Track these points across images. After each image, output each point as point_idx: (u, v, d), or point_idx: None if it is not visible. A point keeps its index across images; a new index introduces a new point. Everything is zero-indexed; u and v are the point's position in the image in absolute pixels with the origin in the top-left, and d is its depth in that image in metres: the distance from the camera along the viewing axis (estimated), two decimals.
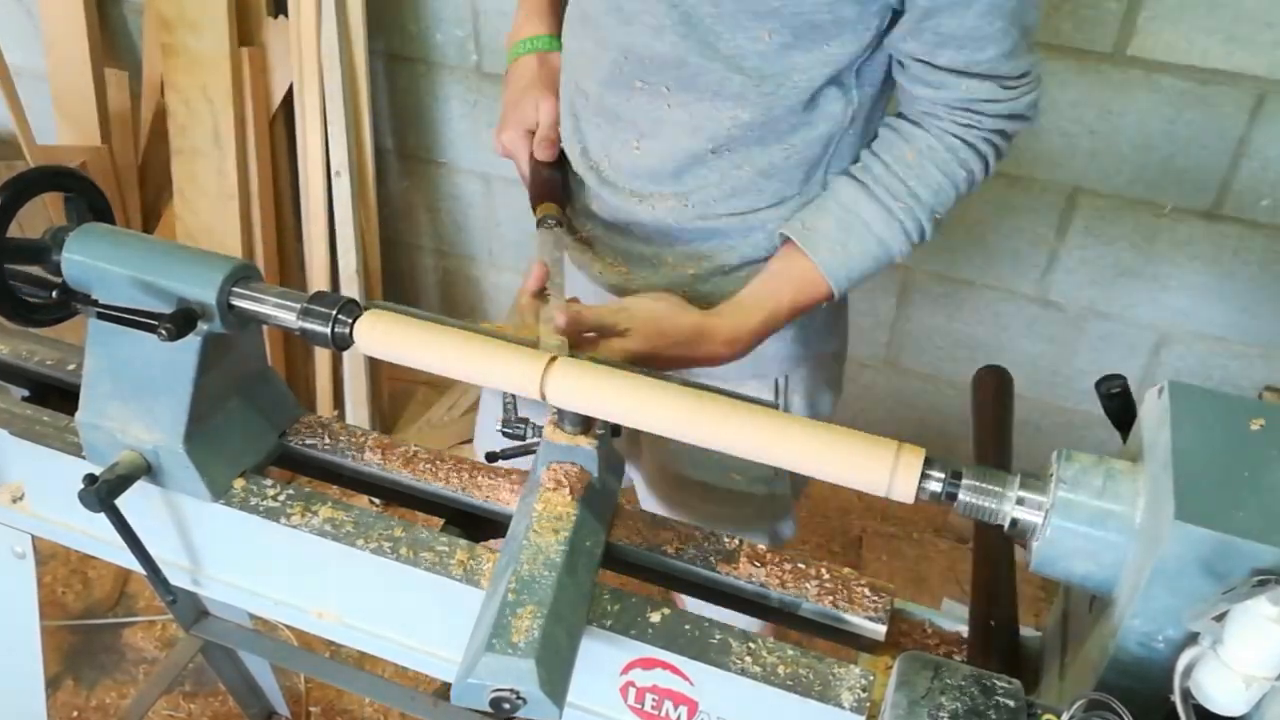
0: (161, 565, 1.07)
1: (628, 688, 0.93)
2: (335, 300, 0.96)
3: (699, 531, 1.02)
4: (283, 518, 1.02)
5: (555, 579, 0.86)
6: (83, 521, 1.10)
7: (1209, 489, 0.70)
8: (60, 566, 2.65)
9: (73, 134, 2.90)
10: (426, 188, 3.01)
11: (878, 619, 0.94)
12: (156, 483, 1.04)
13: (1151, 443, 0.78)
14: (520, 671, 0.79)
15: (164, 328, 0.90)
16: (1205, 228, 2.26)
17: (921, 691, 0.74)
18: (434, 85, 2.80)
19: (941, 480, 0.81)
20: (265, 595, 1.10)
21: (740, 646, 0.89)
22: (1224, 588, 0.66)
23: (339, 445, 1.12)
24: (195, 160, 2.68)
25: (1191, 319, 2.40)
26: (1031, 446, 2.73)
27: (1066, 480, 0.78)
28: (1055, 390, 2.65)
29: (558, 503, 0.93)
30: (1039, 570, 0.80)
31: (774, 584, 0.97)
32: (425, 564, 0.97)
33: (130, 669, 2.47)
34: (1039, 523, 0.79)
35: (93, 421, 1.03)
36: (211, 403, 1.03)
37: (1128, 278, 2.40)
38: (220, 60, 2.57)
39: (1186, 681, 0.69)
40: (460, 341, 0.93)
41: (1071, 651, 0.88)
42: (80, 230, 1.00)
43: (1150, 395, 0.82)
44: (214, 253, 0.99)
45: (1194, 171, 2.21)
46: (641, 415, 0.88)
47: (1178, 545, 0.68)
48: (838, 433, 0.84)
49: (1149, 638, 0.73)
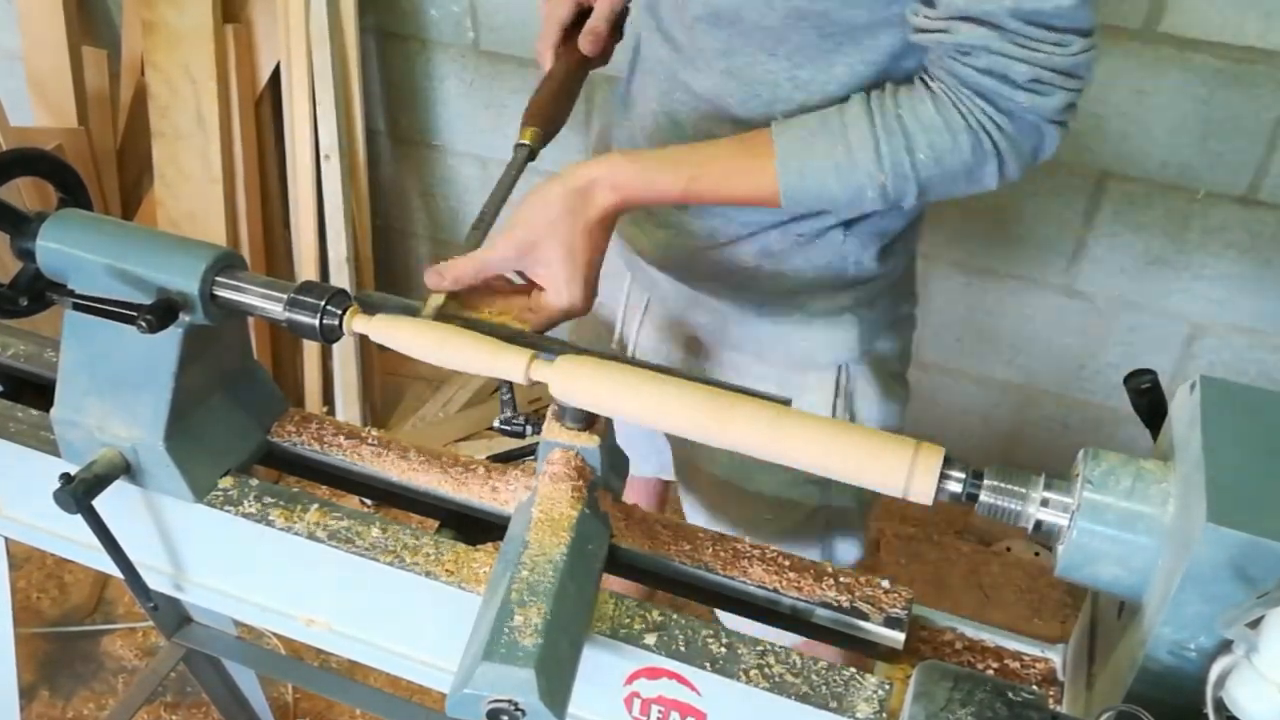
0: (141, 569, 1.07)
1: (632, 698, 0.94)
2: (324, 290, 0.96)
3: (705, 534, 1.02)
4: (269, 519, 1.03)
5: (556, 583, 0.86)
6: (58, 523, 1.10)
7: (1243, 490, 0.70)
8: (35, 571, 2.66)
9: (48, 115, 2.91)
10: (421, 171, 3.02)
11: (896, 626, 0.94)
12: (136, 482, 1.05)
13: (1183, 441, 0.78)
14: (519, 681, 0.79)
15: (144, 319, 0.91)
16: (1240, 213, 2.26)
17: (941, 703, 0.74)
18: (428, 64, 2.80)
19: (962, 480, 0.81)
20: (251, 601, 1.10)
21: (751, 655, 0.89)
22: (1259, 592, 0.66)
23: (328, 443, 1.12)
24: (177, 143, 2.68)
25: (1226, 310, 2.39)
26: (1057, 444, 2.73)
27: (1093, 480, 0.78)
28: (1082, 385, 2.65)
29: (558, 503, 0.93)
30: (1064, 575, 0.80)
31: (786, 589, 0.97)
32: (419, 568, 0.97)
33: (109, 678, 2.48)
34: (1064, 525, 0.79)
35: (69, 418, 1.03)
36: (194, 398, 1.03)
37: (1159, 266, 2.40)
38: (203, 37, 2.57)
39: (1219, 692, 0.69)
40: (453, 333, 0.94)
41: (1099, 661, 0.88)
42: (56, 216, 1.00)
43: (1182, 391, 0.82)
44: (196, 240, 0.99)
45: (1228, 154, 2.20)
46: (648, 411, 0.88)
47: (1210, 548, 0.68)
48: (853, 430, 0.84)
49: (1180, 646, 0.73)
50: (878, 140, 1.08)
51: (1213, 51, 2.09)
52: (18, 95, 2.89)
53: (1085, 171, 2.34)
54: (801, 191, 1.12)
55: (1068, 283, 2.51)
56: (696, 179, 1.13)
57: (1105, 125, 2.26)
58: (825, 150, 1.10)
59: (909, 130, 1.08)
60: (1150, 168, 2.28)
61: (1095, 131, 2.28)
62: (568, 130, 1.39)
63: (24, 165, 1.03)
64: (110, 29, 3.03)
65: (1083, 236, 2.43)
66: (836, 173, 1.10)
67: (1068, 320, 2.56)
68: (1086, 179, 2.35)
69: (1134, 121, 2.24)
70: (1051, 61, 1.02)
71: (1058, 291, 2.53)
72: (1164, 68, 2.15)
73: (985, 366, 2.72)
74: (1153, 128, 2.23)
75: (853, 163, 1.09)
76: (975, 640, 0.99)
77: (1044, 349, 2.62)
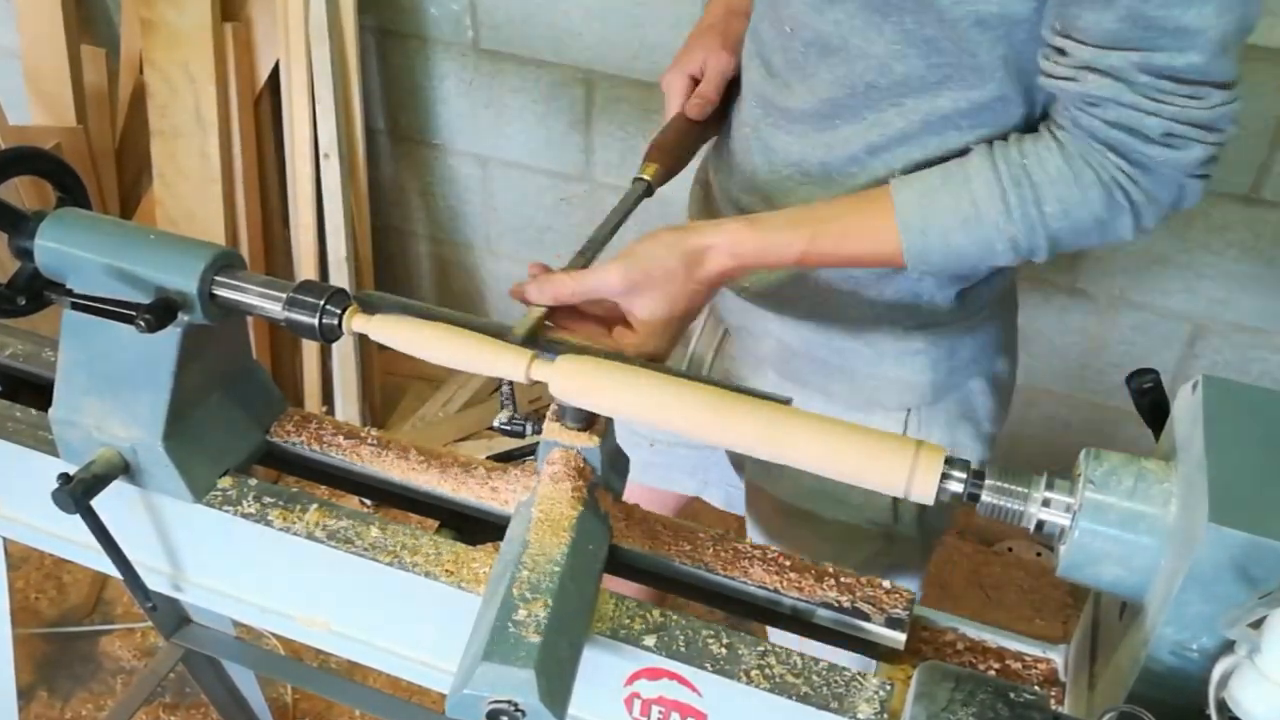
0: (140, 570, 1.07)
1: (633, 699, 0.94)
2: (323, 290, 0.96)
3: (705, 534, 1.02)
4: (268, 520, 1.03)
5: (556, 584, 0.86)
6: (57, 524, 1.10)
7: (1246, 490, 0.70)
8: (33, 571, 2.66)
9: (47, 114, 2.90)
10: (420, 171, 3.02)
11: (897, 626, 0.94)
12: (135, 482, 1.05)
13: (1185, 441, 0.78)
14: (519, 681, 0.79)
15: (142, 319, 0.91)
16: (1243, 212, 2.26)
17: (942, 703, 0.74)
18: (428, 62, 2.80)
19: (963, 480, 0.81)
20: (250, 601, 1.10)
21: (751, 655, 0.89)
22: (1261, 592, 0.66)
23: (327, 443, 1.12)
24: (176, 141, 2.68)
25: (1229, 309, 2.39)
26: (1059, 444, 2.73)
27: (1095, 480, 0.78)
28: (1084, 384, 2.64)
29: (559, 503, 0.94)
30: (1066, 575, 0.80)
31: (786, 590, 0.97)
32: (419, 568, 0.97)
33: (107, 679, 2.48)
34: (1066, 525, 0.79)
35: (67, 418, 1.03)
36: (193, 398, 1.03)
37: (1161, 265, 2.40)
38: (202, 35, 2.57)
39: (1222, 692, 0.69)
40: (453, 331, 0.94)
41: (1101, 661, 0.88)
42: (54, 215, 1.00)
43: (1184, 390, 0.82)
44: (195, 239, 0.99)
45: (1231, 153, 2.19)
46: (648, 411, 0.88)
47: (1212, 549, 0.68)
48: (853, 430, 0.84)
49: (1182, 646, 0.73)
50: (1004, 190, 1.05)
51: None
52: (16, 94, 2.89)
53: None
54: (925, 249, 1.08)
55: (1070, 281, 2.50)
56: (815, 240, 1.10)
57: None
58: (950, 204, 1.07)
59: (1036, 182, 1.04)
60: None
61: None
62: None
63: (22, 164, 1.03)
64: (109, 27, 3.03)
65: None
66: (964, 228, 1.06)
67: (1069, 319, 2.56)
68: None
69: None
70: (1187, 115, 0.98)
71: (1060, 290, 2.53)
72: None
73: None
74: None
75: (979, 216, 1.06)
76: (977, 641, 0.99)
77: (1046, 348, 2.62)
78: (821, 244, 1.10)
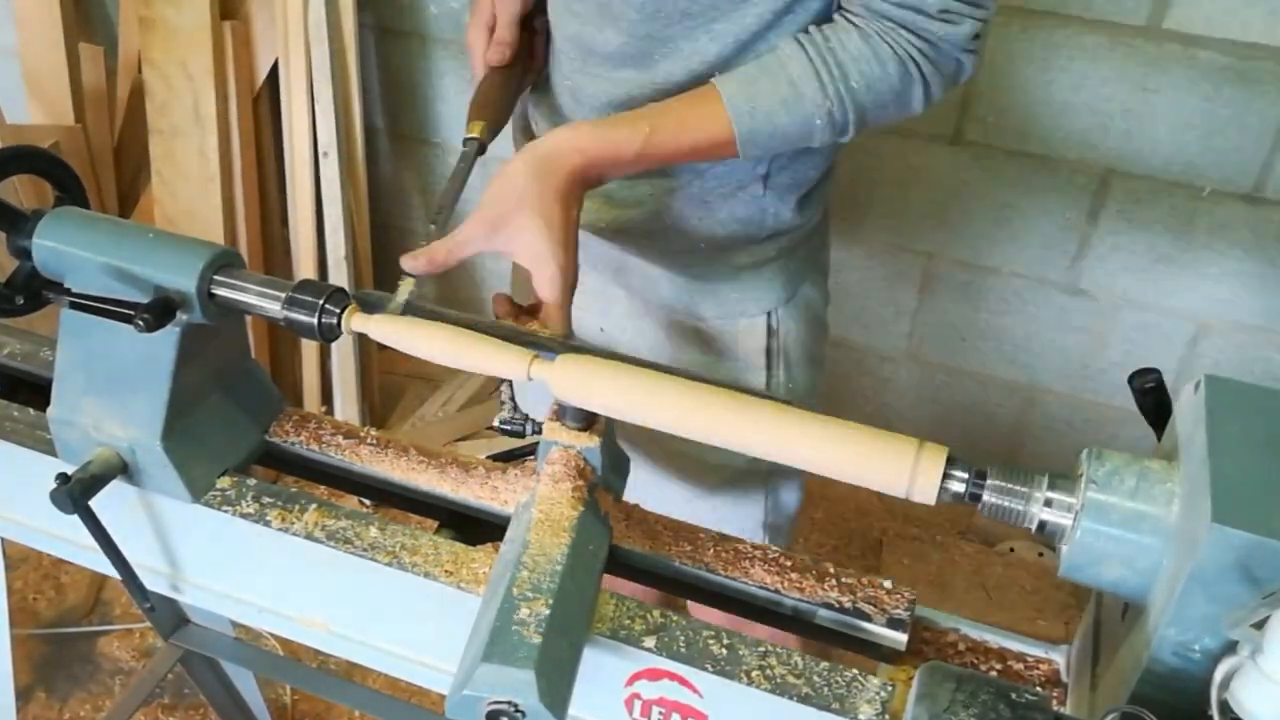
0: (138, 570, 1.07)
1: (633, 700, 0.93)
2: (322, 289, 0.95)
3: (706, 534, 1.02)
4: (267, 520, 1.03)
5: (556, 584, 0.86)
6: (55, 524, 1.10)
7: (1249, 489, 0.70)
8: (31, 571, 2.66)
9: (44, 113, 2.91)
10: (419, 169, 3.02)
11: (898, 627, 0.94)
12: (133, 482, 1.04)
13: (1188, 440, 0.78)
14: (519, 682, 0.79)
15: (141, 318, 0.91)
16: (1246, 211, 2.26)
17: (944, 704, 0.74)
18: (427, 60, 2.80)
19: (965, 481, 0.81)
20: (249, 602, 1.10)
21: (752, 656, 0.89)
22: (1264, 593, 0.66)
23: (327, 443, 1.12)
24: (175, 140, 2.68)
25: (1231, 308, 2.39)
26: (1061, 444, 2.73)
27: (1097, 480, 0.78)
28: (1086, 384, 2.65)
29: (559, 503, 0.93)
30: (1068, 575, 0.80)
31: (787, 590, 0.97)
32: (418, 568, 0.97)
33: (105, 680, 2.48)
34: (1068, 525, 0.79)
35: (65, 417, 1.03)
36: (191, 398, 1.03)
37: (1164, 264, 2.40)
38: (201, 34, 2.57)
39: (1224, 693, 0.69)
40: (453, 331, 0.94)
41: (1103, 662, 0.88)
42: (52, 214, 1.00)
43: (1186, 390, 0.82)
44: (194, 238, 0.99)
45: (1234, 152, 2.20)
46: (648, 410, 0.88)
47: (1215, 549, 0.68)
48: (855, 430, 0.84)
49: (1184, 647, 0.73)
50: (817, 70, 1.16)
51: (1217, 48, 2.09)
52: (14, 92, 2.89)
53: (1089, 169, 2.34)
54: (753, 131, 1.18)
55: (1072, 281, 2.51)
56: (654, 133, 1.17)
57: (1109, 123, 2.26)
58: (770, 88, 1.17)
59: (841, 60, 1.16)
60: (1154, 165, 2.28)
61: (1099, 129, 2.28)
62: None
63: (20, 163, 1.03)
64: (107, 26, 3.04)
65: (1086, 234, 2.43)
66: (785, 107, 1.17)
67: (1071, 319, 2.56)
68: (1090, 177, 2.35)
69: (1138, 119, 2.24)
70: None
71: (1061, 290, 2.53)
72: (1168, 65, 2.15)
73: (988, 365, 2.72)
74: (1157, 125, 2.23)
75: (798, 94, 1.17)
76: (978, 641, 0.99)
77: (1048, 348, 2.62)
78: (661, 137, 1.18)
